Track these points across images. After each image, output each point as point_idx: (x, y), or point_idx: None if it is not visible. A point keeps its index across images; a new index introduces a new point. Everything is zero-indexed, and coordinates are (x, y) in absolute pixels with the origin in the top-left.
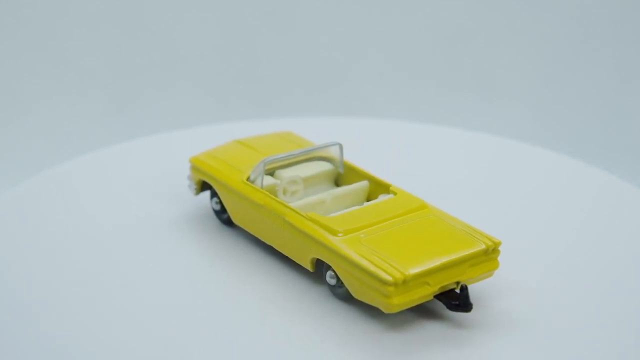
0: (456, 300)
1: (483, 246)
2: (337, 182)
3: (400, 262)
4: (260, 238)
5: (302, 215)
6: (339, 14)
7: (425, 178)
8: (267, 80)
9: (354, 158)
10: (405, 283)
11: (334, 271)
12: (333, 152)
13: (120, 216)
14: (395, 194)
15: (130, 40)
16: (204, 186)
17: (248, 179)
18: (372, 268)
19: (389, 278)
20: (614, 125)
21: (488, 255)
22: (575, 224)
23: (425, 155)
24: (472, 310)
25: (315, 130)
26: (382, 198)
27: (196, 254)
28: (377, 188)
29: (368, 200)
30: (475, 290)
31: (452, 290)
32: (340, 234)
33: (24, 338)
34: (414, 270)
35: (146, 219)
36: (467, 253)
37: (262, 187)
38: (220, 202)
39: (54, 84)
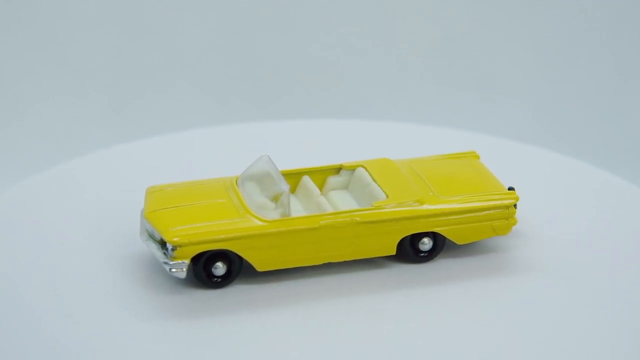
0: None
1: (478, 154)
2: None
3: (491, 190)
4: (312, 264)
5: (371, 208)
6: (339, 14)
7: None
8: (268, 81)
9: (353, 160)
10: None
11: (429, 236)
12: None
13: (121, 216)
14: (363, 166)
15: (130, 41)
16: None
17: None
18: (489, 203)
19: (510, 201)
20: (614, 125)
21: None
22: (576, 224)
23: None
24: None
25: (314, 132)
26: (362, 174)
27: None
28: (321, 175)
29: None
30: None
31: None
32: (417, 202)
33: (25, 338)
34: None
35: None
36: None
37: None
38: (227, 265)
39: (54, 84)
